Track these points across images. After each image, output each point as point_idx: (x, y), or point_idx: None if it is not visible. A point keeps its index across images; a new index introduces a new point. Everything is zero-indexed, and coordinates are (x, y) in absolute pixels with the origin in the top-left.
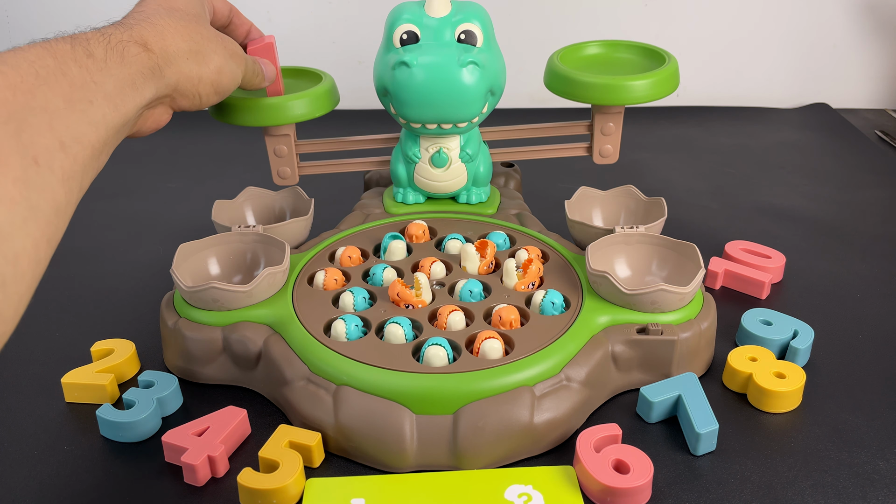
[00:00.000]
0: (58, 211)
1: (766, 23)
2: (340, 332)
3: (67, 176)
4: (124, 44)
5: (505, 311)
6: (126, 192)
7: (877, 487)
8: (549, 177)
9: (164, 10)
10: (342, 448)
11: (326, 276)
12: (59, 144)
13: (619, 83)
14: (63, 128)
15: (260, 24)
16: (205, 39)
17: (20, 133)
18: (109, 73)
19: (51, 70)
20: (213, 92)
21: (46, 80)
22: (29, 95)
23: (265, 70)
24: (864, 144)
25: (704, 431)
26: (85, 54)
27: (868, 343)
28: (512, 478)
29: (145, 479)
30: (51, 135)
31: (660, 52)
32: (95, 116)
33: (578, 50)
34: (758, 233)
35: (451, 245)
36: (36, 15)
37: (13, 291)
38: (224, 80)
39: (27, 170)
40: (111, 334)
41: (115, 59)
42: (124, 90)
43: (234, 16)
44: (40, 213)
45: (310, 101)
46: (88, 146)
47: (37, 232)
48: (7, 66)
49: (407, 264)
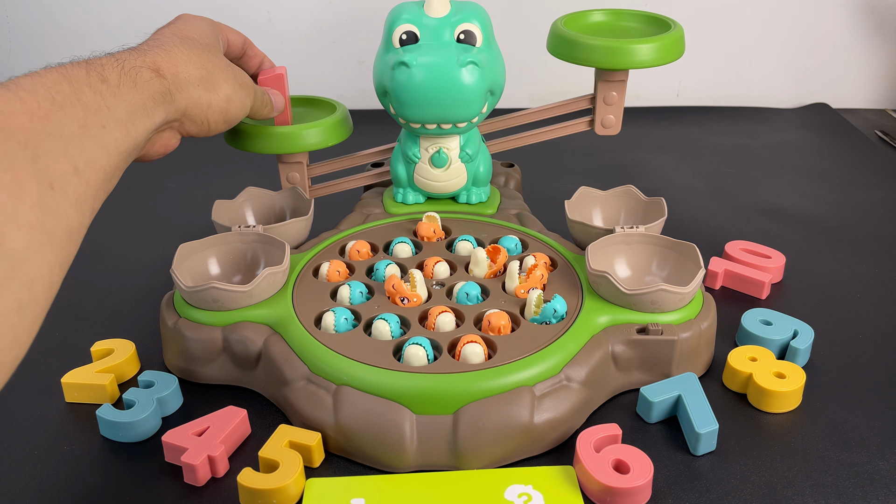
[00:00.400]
0: (70, 235)
1: (766, 23)
2: (329, 324)
3: (80, 200)
4: (137, 69)
5: (495, 317)
6: (126, 192)
7: (877, 487)
8: (549, 177)
9: (178, 38)
10: (342, 448)
11: (330, 268)
12: (74, 169)
13: (623, 46)
14: (77, 153)
15: (260, 24)
16: (216, 68)
17: (37, 159)
18: (122, 98)
19: (66, 95)
20: (222, 120)
21: (62, 106)
22: (45, 121)
23: (274, 100)
24: (864, 144)
25: (704, 431)
26: (99, 80)
27: (868, 343)
28: (512, 478)
29: (145, 479)
30: (66, 160)
31: (665, 20)
32: (108, 141)
33: (583, 17)
34: (758, 233)
35: (462, 246)
36: (36, 15)
37: (28, 315)
38: (233, 108)
39: (43, 195)
40: (111, 334)
41: (128, 84)
42: (136, 115)
43: (247, 48)
44: (55, 237)
45: (323, 131)
46: (100, 170)
47: (51, 256)
48: (25, 91)
49: (413, 262)
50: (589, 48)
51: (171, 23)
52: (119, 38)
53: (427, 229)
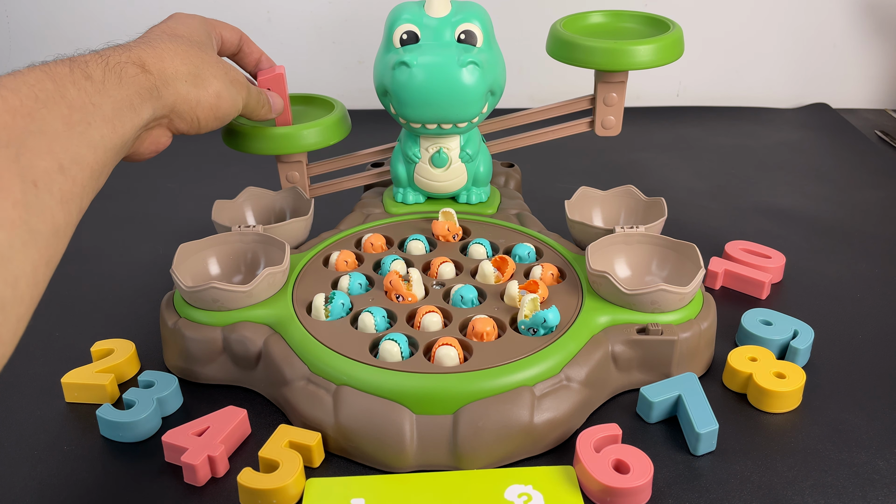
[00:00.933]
0: (56, 233)
1: (766, 23)
2: (318, 310)
3: (66, 198)
4: (122, 65)
5: (479, 323)
6: (126, 192)
7: (877, 487)
8: (549, 177)
9: (166, 35)
10: (342, 448)
11: (339, 258)
12: (59, 167)
13: (622, 47)
14: (62, 150)
15: (260, 24)
16: (205, 64)
17: (20, 157)
18: (108, 94)
19: (50, 93)
20: (212, 116)
21: (46, 104)
22: (28, 119)
23: (273, 102)
24: (864, 144)
25: (704, 431)
26: (83, 76)
27: (868, 343)
28: (512, 478)
29: (145, 479)
30: (50, 157)
31: (664, 21)
32: (94, 138)
33: (582, 18)
34: (758, 233)
35: (474, 249)
36: (36, 15)
37: (12, 314)
38: (223, 105)
39: (27, 193)
40: (111, 334)
41: (113, 80)
42: (122, 111)
43: (244, 44)
44: (40, 235)
45: (322, 130)
46: (87, 167)
47: (36, 255)
48: (6, 90)
49: (422, 260)
50: (588, 50)
51: (163, 21)
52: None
53: (441, 227)
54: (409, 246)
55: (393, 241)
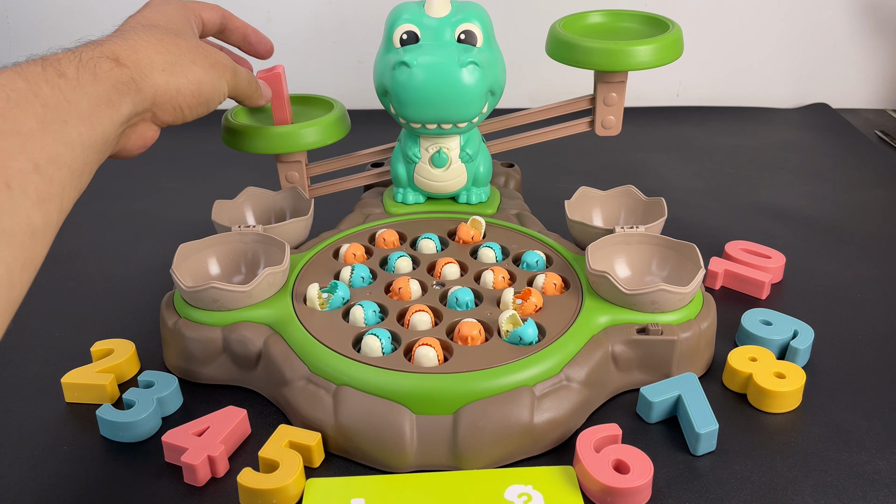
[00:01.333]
0: (34, 234)
1: (766, 23)
2: (312, 300)
3: (43, 198)
4: (95, 60)
5: (466, 326)
6: (126, 192)
7: (877, 487)
8: (549, 177)
9: (141, 26)
10: (342, 448)
11: (348, 250)
12: (34, 167)
13: (622, 48)
14: (37, 149)
15: (260, 24)
16: (182, 51)
17: None
18: (83, 91)
19: (22, 92)
20: (196, 104)
21: (18, 103)
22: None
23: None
24: (864, 144)
25: (704, 431)
26: (56, 74)
27: (868, 343)
28: (512, 478)
29: (145, 479)
30: (23, 157)
31: (663, 20)
32: (71, 136)
33: (581, 19)
34: (758, 233)
35: (483, 253)
36: (36, 15)
37: None
38: (205, 91)
39: None
40: (111, 334)
41: (87, 76)
42: (99, 107)
43: (227, 21)
44: (13, 237)
45: (321, 129)
46: (65, 166)
47: (10, 257)
48: None
49: (428, 259)
50: (587, 51)
51: (138, 11)
52: None
53: (466, 232)
54: (420, 244)
55: (406, 237)
